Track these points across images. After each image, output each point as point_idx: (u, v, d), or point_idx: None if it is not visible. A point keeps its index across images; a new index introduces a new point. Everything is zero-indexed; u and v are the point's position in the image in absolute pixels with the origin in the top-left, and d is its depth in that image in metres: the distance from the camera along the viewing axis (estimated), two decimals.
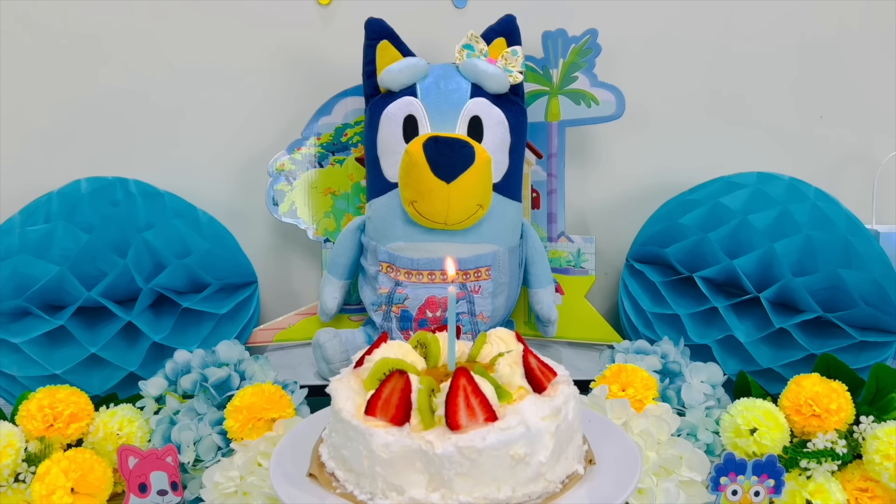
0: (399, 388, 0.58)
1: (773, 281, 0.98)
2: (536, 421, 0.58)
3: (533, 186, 1.14)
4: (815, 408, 0.83)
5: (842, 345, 0.97)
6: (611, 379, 0.88)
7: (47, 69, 1.14)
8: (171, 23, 1.13)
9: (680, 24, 1.17)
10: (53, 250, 0.97)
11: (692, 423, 0.86)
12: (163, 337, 0.99)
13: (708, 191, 1.09)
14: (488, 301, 1.00)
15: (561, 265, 1.14)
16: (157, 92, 1.15)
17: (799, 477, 0.82)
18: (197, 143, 1.17)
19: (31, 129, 1.15)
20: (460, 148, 0.94)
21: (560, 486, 0.60)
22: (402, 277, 0.99)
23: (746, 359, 1.00)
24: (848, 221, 1.01)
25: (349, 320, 1.14)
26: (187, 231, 1.04)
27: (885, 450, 0.79)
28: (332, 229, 1.13)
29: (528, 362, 0.64)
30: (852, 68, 1.20)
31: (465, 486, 0.56)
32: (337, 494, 0.60)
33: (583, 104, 1.11)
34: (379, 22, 1.02)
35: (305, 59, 1.15)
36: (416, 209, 0.96)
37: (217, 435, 0.84)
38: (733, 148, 1.21)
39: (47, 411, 0.81)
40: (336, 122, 1.10)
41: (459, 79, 1.00)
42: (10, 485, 0.78)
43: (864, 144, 1.21)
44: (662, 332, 1.04)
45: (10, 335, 0.96)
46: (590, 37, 1.08)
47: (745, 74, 1.19)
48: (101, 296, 0.97)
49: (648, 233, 1.11)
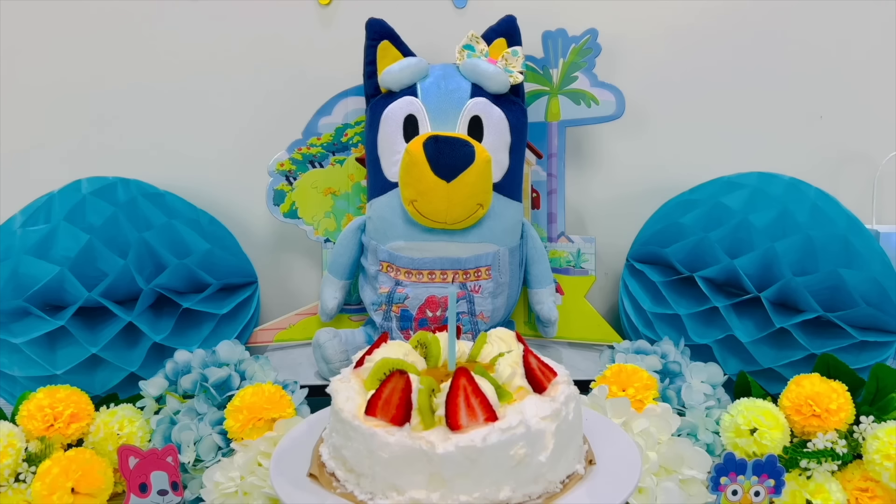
0: (399, 388, 0.58)
1: (774, 281, 0.98)
2: (537, 421, 0.58)
3: (533, 186, 1.14)
4: (815, 408, 0.83)
5: (842, 345, 0.97)
6: (611, 379, 0.88)
7: (47, 69, 1.14)
8: (171, 23, 1.13)
9: (680, 24, 1.17)
10: (54, 250, 0.97)
11: (692, 423, 0.86)
12: (163, 337, 1.00)
13: (708, 191, 1.09)
14: (488, 301, 1.00)
15: (561, 265, 1.14)
16: (157, 92, 1.15)
17: (799, 477, 0.82)
18: (197, 142, 1.17)
19: (31, 129, 1.16)
20: (460, 147, 0.94)
21: (560, 487, 0.60)
22: (403, 277, 0.99)
23: (747, 359, 1.00)
24: (848, 221, 1.01)
25: (349, 320, 1.14)
26: (188, 231, 1.04)
27: (885, 450, 0.79)
28: (332, 229, 1.13)
29: (529, 362, 0.64)
30: (852, 68, 1.20)
31: (465, 486, 0.56)
32: (337, 494, 0.60)
33: (583, 104, 1.11)
34: (380, 22, 1.03)
35: (306, 58, 1.15)
36: (417, 208, 0.96)
37: (217, 435, 0.84)
38: (733, 148, 1.20)
39: (48, 411, 0.81)
40: (336, 122, 1.10)
41: (460, 79, 1.01)
42: (11, 485, 0.78)
43: (864, 144, 1.21)
44: (663, 332, 1.04)
45: (11, 335, 0.96)
46: (590, 37, 1.09)
47: (745, 74, 1.19)
48: (101, 296, 0.97)
49: (649, 233, 1.11)
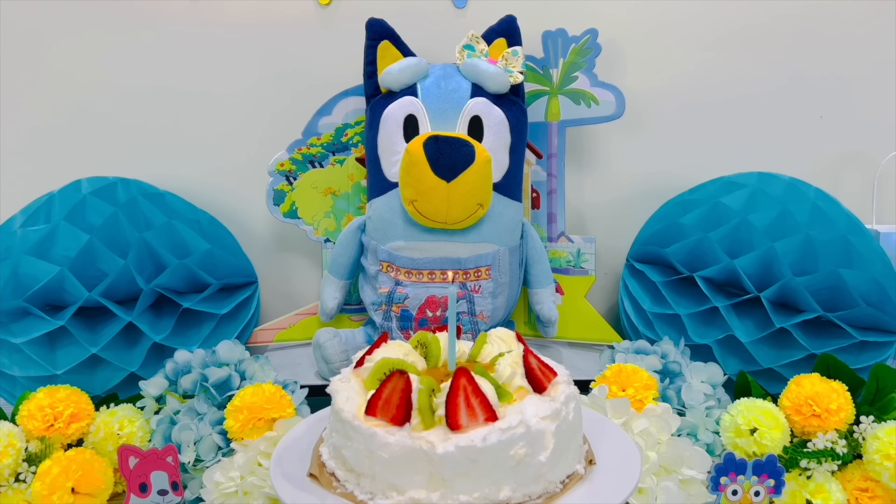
0: (399, 388, 0.58)
1: (774, 281, 0.98)
2: (537, 421, 0.58)
3: (533, 186, 1.14)
4: (815, 408, 0.83)
5: (842, 345, 0.97)
6: (611, 379, 0.88)
7: (47, 69, 1.14)
8: (171, 23, 1.13)
9: (680, 24, 1.17)
10: (54, 250, 0.97)
11: (692, 423, 0.86)
12: (163, 337, 1.00)
13: (708, 191, 1.09)
14: (488, 301, 1.00)
15: (561, 265, 1.14)
16: (157, 92, 1.15)
17: (799, 477, 0.82)
18: (197, 143, 1.17)
19: (31, 129, 1.16)
20: (460, 147, 0.94)
21: (560, 487, 0.60)
22: (403, 277, 0.99)
23: (747, 359, 1.00)
24: (848, 221, 1.01)
25: (349, 320, 1.14)
26: (188, 231, 1.04)
27: (885, 450, 0.79)
28: (332, 229, 1.13)
29: (529, 362, 0.64)
30: (852, 68, 1.20)
31: (465, 486, 0.56)
32: (337, 494, 0.60)
33: (583, 104, 1.11)
34: (380, 22, 1.03)
35: (306, 58, 1.15)
36: (417, 208, 0.96)
37: (217, 435, 0.84)
38: (733, 148, 1.20)
39: (48, 411, 0.81)
40: (336, 122, 1.10)
41: (460, 79, 1.01)
42: (11, 484, 0.78)
43: (864, 144, 1.21)
44: (663, 331, 1.04)
45: (11, 335, 0.96)
46: (590, 37, 1.09)
47: (745, 74, 1.19)
48: (101, 296, 0.97)
49: (649, 232, 1.11)
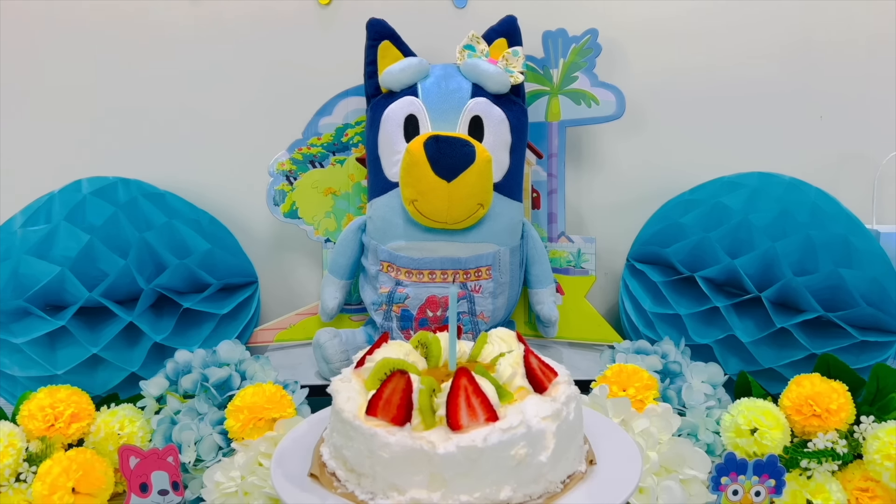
0: (400, 388, 0.58)
1: (774, 280, 0.98)
2: (538, 421, 0.58)
3: (533, 186, 1.14)
4: (815, 408, 0.83)
5: (842, 344, 0.97)
6: (611, 379, 0.88)
7: (48, 69, 1.14)
8: (171, 23, 1.13)
9: (680, 24, 1.17)
10: (54, 250, 0.97)
11: (693, 423, 0.86)
12: (164, 337, 1.00)
13: (708, 191, 1.09)
14: (489, 301, 1.00)
15: (561, 265, 1.14)
16: (157, 92, 1.15)
17: (799, 477, 0.82)
18: (198, 143, 1.17)
19: (31, 129, 1.16)
20: (461, 147, 0.94)
21: (561, 487, 0.60)
22: (403, 277, 0.99)
23: (747, 359, 1.00)
24: (848, 221, 1.01)
25: (350, 320, 1.14)
26: (188, 231, 1.04)
27: (885, 450, 0.79)
28: (332, 229, 1.13)
29: (529, 362, 0.64)
30: (852, 68, 1.20)
31: (465, 486, 0.56)
32: (338, 494, 0.60)
33: (583, 104, 1.11)
34: (380, 22, 1.03)
35: (306, 58, 1.15)
36: (417, 208, 0.96)
37: (218, 435, 0.84)
38: (733, 148, 1.20)
39: (48, 411, 0.81)
40: (337, 122, 1.10)
41: (460, 79, 1.01)
42: (12, 484, 0.78)
43: (864, 144, 1.21)
44: (663, 331, 1.04)
45: (12, 335, 0.96)
46: (590, 37, 1.09)
47: (745, 74, 1.19)
48: (102, 296, 0.97)
49: (649, 232, 1.11)
